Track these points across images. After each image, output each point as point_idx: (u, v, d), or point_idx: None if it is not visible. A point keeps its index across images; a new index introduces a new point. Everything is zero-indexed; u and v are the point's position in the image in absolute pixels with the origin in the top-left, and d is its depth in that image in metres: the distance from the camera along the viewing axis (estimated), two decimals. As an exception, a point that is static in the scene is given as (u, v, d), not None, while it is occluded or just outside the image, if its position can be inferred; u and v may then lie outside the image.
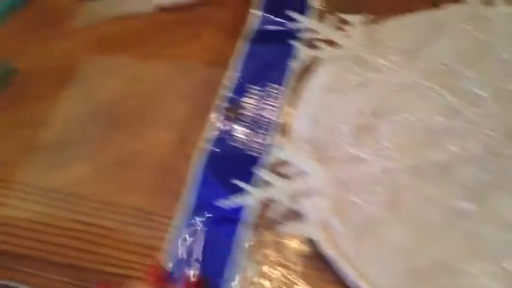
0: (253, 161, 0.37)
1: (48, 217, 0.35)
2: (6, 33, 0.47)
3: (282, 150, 0.36)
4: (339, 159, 0.35)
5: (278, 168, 0.36)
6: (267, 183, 0.35)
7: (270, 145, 0.38)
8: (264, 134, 0.39)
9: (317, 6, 0.47)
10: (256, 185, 0.35)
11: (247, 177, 0.36)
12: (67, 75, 0.43)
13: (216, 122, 0.40)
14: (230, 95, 0.41)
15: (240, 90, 0.41)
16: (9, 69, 0.43)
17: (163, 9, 0.48)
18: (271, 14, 0.47)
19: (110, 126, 0.40)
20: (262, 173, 0.35)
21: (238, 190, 0.35)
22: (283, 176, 0.35)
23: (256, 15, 0.47)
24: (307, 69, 0.42)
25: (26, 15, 0.48)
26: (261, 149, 0.38)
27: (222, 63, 0.44)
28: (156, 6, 0.48)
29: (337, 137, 0.36)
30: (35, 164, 0.38)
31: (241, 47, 0.44)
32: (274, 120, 0.39)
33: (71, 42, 0.46)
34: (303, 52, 0.42)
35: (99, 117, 0.40)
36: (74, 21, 0.48)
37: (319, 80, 0.40)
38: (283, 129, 0.39)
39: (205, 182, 0.36)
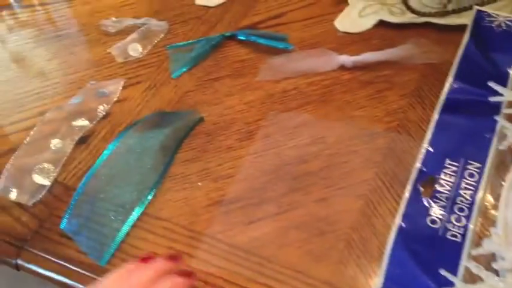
0: (454, 247, 0.34)
1: (232, 274, 0.34)
2: (190, 83, 0.48)
3: (491, 241, 0.32)
4: None
5: (487, 261, 0.32)
6: (475, 277, 0.31)
7: (472, 231, 0.34)
8: (463, 216, 0.35)
9: (519, 78, 0.43)
10: (462, 277, 0.32)
11: (449, 264, 0.33)
12: (251, 128, 0.43)
13: (408, 196, 0.37)
14: (422, 167, 0.38)
15: (434, 163, 0.39)
16: (196, 118, 0.44)
17: (346, 68, 0.47)
18: (465, 83, 0.43)
19: (294, 187, 0.39)
20: (470, 265, 0.32)
21: (438, 277, 0.32)
22: (494, 271, 0.31)
23: (447, 82, 0.44)
24: (512, 149, 0.38)
25: (207, 66, 0.50)
26: (460, 234, 0.34)
27: (407, 130, 0.42)
28: (341, 64, 0.47)
29: (562, 235, 0.31)
30: (223, 218, 0.37)
31: (430, 116, 0.42)
32: (474, 203, 0.36)
33: (254, 95, 0.46)
34: (508, 129, 0.39)
35: (284, 176, 0.40)
36: (257, 74, 0.48)
37: (531, 163, 0.36)
38: (487, 215, 0.35)
39: (398, 262, 0.34)
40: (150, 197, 0.38)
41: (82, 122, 0.42)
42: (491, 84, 0.42)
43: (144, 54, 0.51)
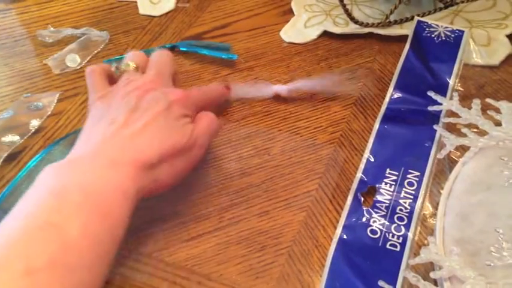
0: (393, 257, 0.33)
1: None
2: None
3: (429, 250, 0.32)
4: (501, 269, 0.31)
5: (424, 270, 0.32)
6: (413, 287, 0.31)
7: (411, 240, 0.34)
8: (402, 225, 0.35)
9: (457, 87, 0.44)
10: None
11: (388, 275, 0.32)
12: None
13: (348, 206, 0.37)
14: (363, 177, 0.38)
15: (375, 173, 0.39)
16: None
17: (282, 97, 0.46)
18: (405, 92, 0.44)
19: (236, 200, 0.38)
20: (408, 275, 0.32)
21: (379, 290, 0.32)
22: (431, 280, 0.31)
23: (388, 92, 0.44)
24: (450, 157, 0.39)
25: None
26: (399, 243, 0.34)
27: (349, 140, 0.42)
28: (276, 93, 0.45)
29: (496, 243, 0.32)
30: (160, 235, 0.36)
31: (372, 126, 0.42)
32: (413, 211, 0.36)
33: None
34: (446, 138, 0.39)
35: (226, 189, 0.39)
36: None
37: (468, 172, 0.36)
38: (426, 224, 0.36)
39: (338, 275, 0.33)
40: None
41: (12, 138, 0.40)
42: (430, 93, 0.43)
43: (83, 65, 0.49)
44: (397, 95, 0.44)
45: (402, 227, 0.35)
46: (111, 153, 0.32)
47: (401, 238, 0.35)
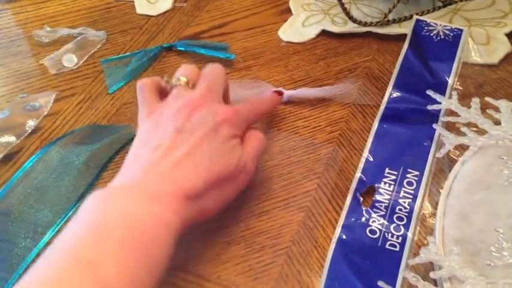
0: (392, 257, 0.33)
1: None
2: (128, 94, 0.47)
3: (429, 250, 0.32)
4: (501, 269, 0.30)
5: (423, 270, 0.32)
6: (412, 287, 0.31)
7: (410, 240, 0.34)
8: (402, 225, 0.35)
9: (456, 86, 0.44)
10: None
11: (388, 275, 0.32)
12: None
13: (348, 206, 0.37)
14: (362, 177, 0.38)
15: (374, 172, 0.38)
16: (132, 133, 0.42)
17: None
18: (404, 92, 0.44)
19: (235, 201, 0.37)
20: (408, 275, 0.31)
21: (378, 290, 0.32)
22: (432, 280, 0.31)
23: (387, 91, 0.44)
24: (450, 156, 0.38)
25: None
26: (399, 243, 0.34)
27: (348, 139, 0.41)
28: None
29: (496, 243, 0.32)
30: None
31: (371, 125, 0.42)
32: (413, 211, 0.36)
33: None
34: (445, 137, 0.39)
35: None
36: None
37: (467, 171, 0.36)
38: (425, 224, 0.35)
39: (337, 275, 0.33)
40: (66, 219, 0.36)
41: (8, 138, 0.40)
42: (429, 92, 0.43)
43: (80, 65, 0.49)
44: (396, 94, 0.44)
45: (401, 227, 0.35)
46: (153, 184, 0.31)
47: (400, 238, 0.34)
